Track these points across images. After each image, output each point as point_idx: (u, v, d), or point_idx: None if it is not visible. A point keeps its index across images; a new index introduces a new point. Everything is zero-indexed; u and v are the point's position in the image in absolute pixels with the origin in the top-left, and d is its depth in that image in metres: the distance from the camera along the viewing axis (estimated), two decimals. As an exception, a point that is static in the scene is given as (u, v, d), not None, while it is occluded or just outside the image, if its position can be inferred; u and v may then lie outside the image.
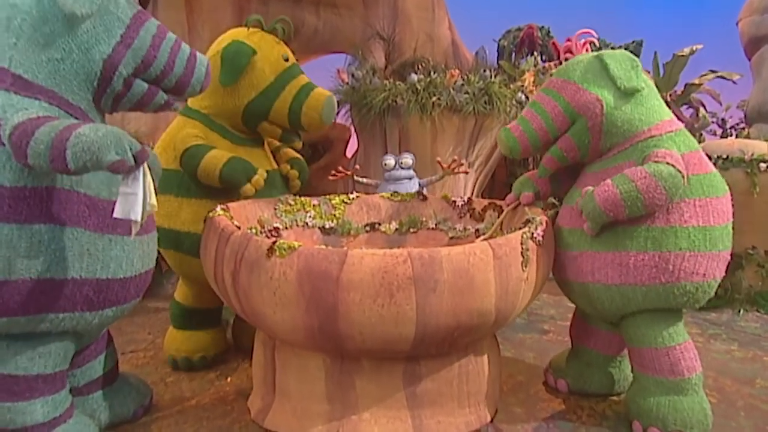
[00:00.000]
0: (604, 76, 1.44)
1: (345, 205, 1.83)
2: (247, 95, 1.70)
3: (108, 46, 1.15)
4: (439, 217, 1.84)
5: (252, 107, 1.71)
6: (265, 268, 1.18)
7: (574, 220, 1.46)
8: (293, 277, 1.15)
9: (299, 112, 1.71)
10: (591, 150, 1.47)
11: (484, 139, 2.94)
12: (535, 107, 1.52)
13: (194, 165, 1.59)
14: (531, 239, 1.30)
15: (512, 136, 1.51)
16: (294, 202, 1.75)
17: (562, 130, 1.48)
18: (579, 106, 1.44)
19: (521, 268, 1.24)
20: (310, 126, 1.73)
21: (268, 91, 1.71)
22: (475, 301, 1.18)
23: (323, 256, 1.15)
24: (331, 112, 1.74)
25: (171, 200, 1.67)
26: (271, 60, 1.73)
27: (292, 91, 1.72)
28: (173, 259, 1.74)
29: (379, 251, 1.15)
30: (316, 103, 1.72)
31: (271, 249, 1.18)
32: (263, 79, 1.70)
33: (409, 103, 2.70)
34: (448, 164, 2.08)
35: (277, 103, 1.72)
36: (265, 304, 1.20)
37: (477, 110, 2.72)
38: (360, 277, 1.13)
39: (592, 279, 1.41)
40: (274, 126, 1.76)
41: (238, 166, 1.59)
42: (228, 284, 1.27)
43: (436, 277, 1.14)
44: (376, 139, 3.01)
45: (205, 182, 1.62)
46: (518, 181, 1.68)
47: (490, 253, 1.20)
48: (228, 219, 1.38)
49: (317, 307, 1.15)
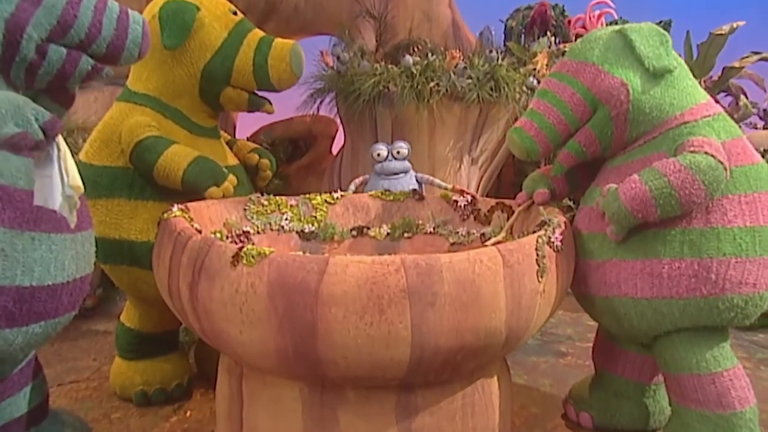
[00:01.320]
0: (628, 55, 1.41)
1: (328, 205, 1.81)
2: (202, 57, 1.67)
3: (9, 4, 1.09)
4: (438, 219, 1.82)
5: (210, 70, 1.68)
6: (230, 278, 1.14)
7: (595, 224, 1.43)
8: (263, 290, 1.11)
9: (265, 66, 1.69)
10: (614, 142, 1.44)
11: (490, 132, 2.93)
12: (547, 97, 1.48)
13: (150, 162, 1.55)
14: (548, 244, 1.26)
15: (527, 136, 1.47)
16: (267, 201, 1.73)
17: (583, 121, 1.45)
18: (601, 93, 1.41)
19: (536, 279, 1.21)
20: (280, 81, 1.71)
21: (224, 48, 1.69)
22: (481, 318, 1.15)
23: (299, 265, 1.11)
24: (301, 62, 1.73)
25: (122, 204, 1.63)
26: (218, 14, 1.71)
27: (252, 45, 1.70)
28: (126, 278, 1.68)
29: (367, 258, 1.12)
30: (282, 53, 1.70)
31: (237, 256, 1.14)
32: (216, 36, 1.68)
33: (403, 89, 2.68)
34: (461, 189, 2.01)
35: (238, 60, 1.69)
36: (230, 323, 1.16)
37: (481, 97, 2.70)
38: (343, 289, 1.09)
39: (618, 292, 1.38)
40: (238, 90, 1.73)
41: (205, 168, 1.55)
42: (185, 299, 1.23)
43: (435, 288, 1.11)
44: (365, 132, 2.99)
45: (162, 183, 1.58)
46: (530, 177, 1.66)
47: (500, 261, 1.17)
48: (187, 221, 1.35)
49: (292, 325, 1.12)
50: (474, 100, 2.71)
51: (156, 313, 1.76)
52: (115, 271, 1.69)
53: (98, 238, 1.55)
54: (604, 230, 1.39)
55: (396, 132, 2.85)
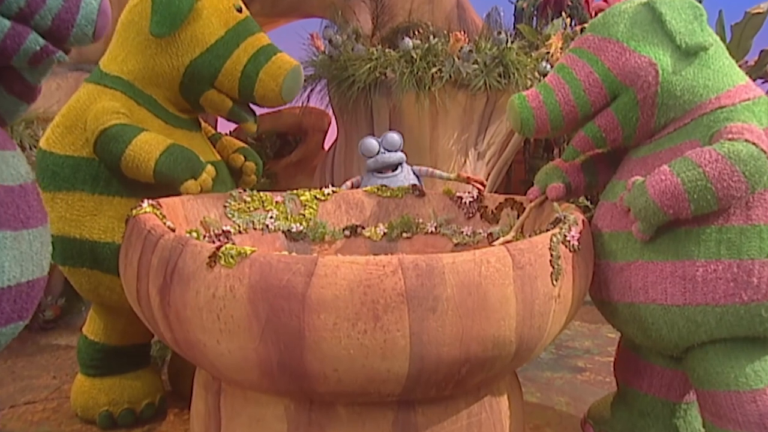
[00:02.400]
0: (657, 31, 1.39)
1: (317, 202, 1.81)
2: (190, 52, 1.67)
3: None
4: (441, 217, 1.82)
5: (196, 68, 1.67)
6: (206, 282, 1.13)
7: (618, 221, 1.41)
8: (244, 294, 1.10)
9: (254, 77, 1.69)
10: (639, 129, 1.43)
11: (498, 123, 2.94)
12: (562, 72, 1.47)
13: (117, 152, 1.54)
14: (563, 243, 1.26)
15: (527, 106, 1.46)
16: (250, 198, 1.73)
17: (596, 107, 1.44)
18: (625, 75, 1.39)
19: (551, 282, 1.20)
20: (264, 98, 1.72)
21: (217, 47, 1.68)
22: (489, 326, 1.15)
23: (284, 265, 1.11)
24: (294, 87, 1.73)
25: (84, 199, 1.61)
26: (220, 9, 1.71)
27: (248, 51, 1.70)
28: (87, 282, 1.67)
29: (360, 258, 1.11)
30: (278, 70, 1.70)
31: (214, 256, 1.13)
32: (211, 32, 1.67)
33: (402, 76, 2.69)
34: (468, 176, 2.06)
35: (229, 63, 1.69)
36: (206, 332, 1.15)
37: (489, 85, 2.70)
38: (334, 293, 1.09)
39: (645, 298, 1.36)
40: (222, 96, 1.73)
41: (180, 157, 1.54)
42: (155, 305, 1.21)
43: (437, 292, 1.11)
44: (360, 124, 3.00)
45: (131, 176, 1.57)
46: (543, 170, 1.65)
47: (509, 262, 1.16)
48: (158, 218, 1.34)
49: (277, 334, 1.11)
50: (480, 87, 2.71)
51: (123, 323, 1.75)
52: (75, 275, 1.67)
53: (56, 236, 1.56)
54: (628, 228, 1.38)
55: (394, 123, 2.86)
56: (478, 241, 1.73)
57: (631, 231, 1.36)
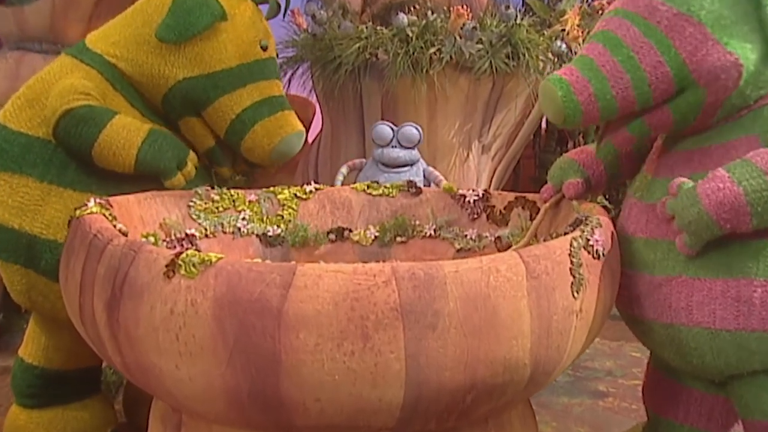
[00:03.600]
0: (750, 17, 1.26)
1: (298, 201, 1.80)
2: (188, 68, 1.69)
3: None
4: (441, 219, 1.81)
5: (187, 88, 1.69)
6: (163, 295, 1.10)
7: (657, 227, 1.37)
8: (208, 310, 1.08)
9: (249, 126, 1.72)
10: (691, 128, 1.37)
11: (506, 111, 2.90)
12: (619, 54, 1.30)
13: (89, 137, 1.54)
14: (585, 249, 1.23)
15: (572, 98, 1.30)
16: (219, 197, 1.71)
17: (657, 103, 1.32)
18: (702, 72, 1.26)
19: (571, 294, 1.18)
20: (250, 151, 1.75)
21: (220, 76, 1.71)
22: (499, 347, 1.12)
23: (257, 275, 1.08)
24: (287, 153, 1.78)
25: (30, 185, 1.59)
26: (242, 38, 1.74)
27: (254, 95, 1.74)
28: (19, 282, 1.63)
29: (347, 267, 1.09)
30: (278, 129, 1.74)
31: (173, 264, 1.10)
32: (220, 59, 1.70)
33: (396, 57, 2.64)
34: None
35: (226, 99, 1.71)
36: (163, 355, 1.12)
37: (495, 67, 2.66)
38: (316, 307, 1.06)
39: (688, 320, 1.32)
40: (206, 130, 1.76)
41: (165, 143, 1.57)
42: (101, 323, 1.18)
43: (437, 306, 1.08)
44: (348, 112, 2.97)
45: (104, 165, 1.57)
46: (557, 164, 1.61)
47: (522, 270, 1.14)
48: (107, 220, 1.31)
49: (247, 357, 1.08)
50: (485, 70, 2.68)
51: (67, 341, 1.70)
52: (7, 271, 1.63)
53: None
54: (669, 238, 1.32)
55: (387, 111, 2.83)
56: (484, 246, 1.73)
57: (673, 241, 1.31)
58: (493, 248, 1.69)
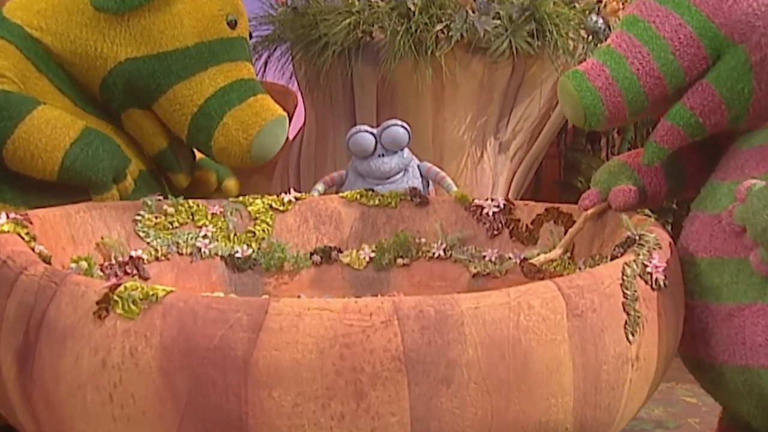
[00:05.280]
0: None
1: (274, 214, 1.77)
2: (131, 47, 1.65)
3: None
4: (453, 236, 1.77)
5: (131, 71, 1.64)
6: (92, 342, 1.04)
7: (723, 243, 1.35)
8: (152, 361, 1.02)
9: (216, 119, 1.66)
10: (753, 107, 1.35)
11: (528, 101, 2.85)
12: (635, 28, 1.40)
13: (1, 133, 1.51)
14: (641, 277, 1.19)
15: (589, 86, 1.38)
16: (174, 208, 1.67)
17: (693, 74, 1.36)
18: (733, 25, 1.31)
19: (625, 337, 1.14)
20: (223, 152, 1.69)
21: (173, 57, 1.66)
22: (532, 407, 1.08)
23: (217, 314, 1.03)
24: (271, 147, 1.73)
25: None
26: (204, 11, 1.69)
27: (218, 80, 1.69)
28: None
29: (335, 303, 1.05)
30: (254, 118, 1.69)
31: (107, 301, 1.04)
32: (174, 35, 1.66)
33: (395, 35, 2.58)
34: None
35: (183, 86, 1.66)
36: (92, 421, 1.07)
37: (516, 48, 2.59)
38: (294, 357, 1.02)
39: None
40: (158, 126, 1.71)
41: (101, 149, 1.53)
42: (9, 378, 1.12)
43: (452, 355, 1.04)
44: (337, 103, 2.93)
45: (18, 169, 1.54)
46: (606, 167, 1.59)
47: (562, 306, 1.10)
48: (23, 241, 1.27)
49: (204, 423, 1.04)
50: (504, 51, 2.61)
51: None
52: None
53: None
54: (738, 255, 1.31)
55: (383, 102, 2.78)
56: (506, 271, 1.69)
57: (745, 259, 1.29)
58: (518, 273, 1.65)
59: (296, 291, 1.71)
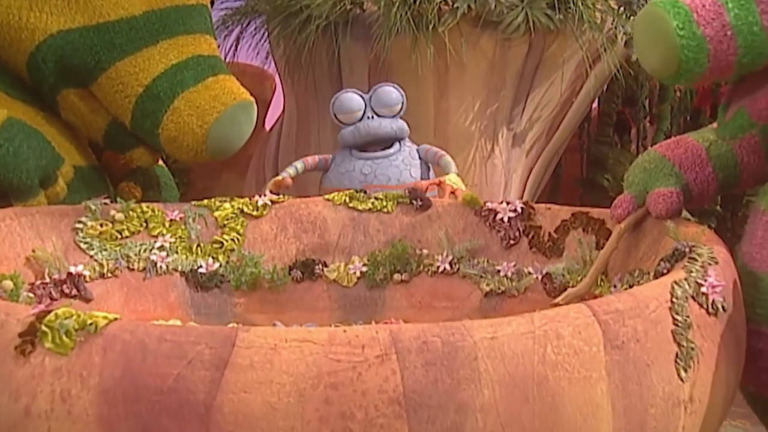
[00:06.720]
0: None
1: (246, 220, 1.77)
2: (64, 17, 1.66)
3: None
4: (461, 246, 1.77)
5: (64, 45, 1.65)
6: (14, 384, 1.02)
7: None
8: (89, 408, 1.00)
9: (166, 103, 1.66)
10: None
11: (548, 85, 2.86)
12: None
13: None
14: (695, 299, 1.16)
15: (696, 32, 1.25)
16: (124, 213, 1.66)
17: None
18: None
19: (676, 373, 1.11)
20: (173, 142, 1.70)
21: (115, 28, 1.67)
22: None
23: (172, 348, 1.00)
24: (232, 138, 1.74)
25: None
26: None
27: (170, 55, 1.70)
28: None
29: (319, 333, 1.02)
30: (211, 102, 1.69)
31: (33, 331, 1.02)
32: (118, 2, 1.69)
33: (390, 7, 2.58)
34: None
35: (127, 63, 1.67)
36: None
37: (533, 21, 2.60)
38: (268, 401, 0.99)
39: None
40: (97, 107, 1.71)
41: (26, 145, 1.53)
42: None
43: (464, 396, 1.02)
44: (321, 87, 2.95)
45: None
46: (639, 164, 1.55)
47: (598, 335, 1.07)
48: None
49: None
50: (519, 26, 2.61)
51: None
52: None
53: None
54: None
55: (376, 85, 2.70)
56: (526, 289, 1.68)
57: None
58: (540, 291, 1.64)
59: (272, 316, 1.68)
